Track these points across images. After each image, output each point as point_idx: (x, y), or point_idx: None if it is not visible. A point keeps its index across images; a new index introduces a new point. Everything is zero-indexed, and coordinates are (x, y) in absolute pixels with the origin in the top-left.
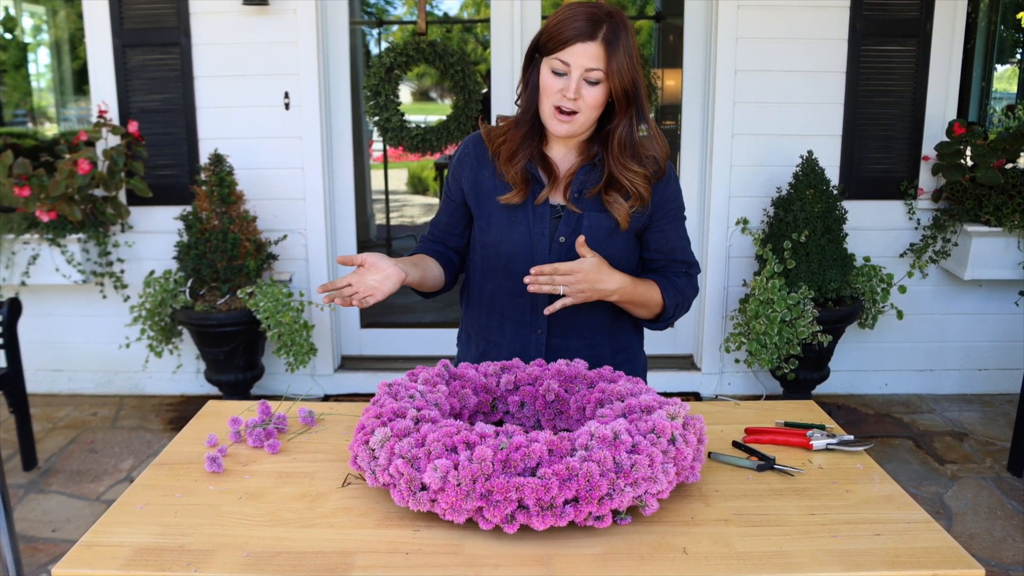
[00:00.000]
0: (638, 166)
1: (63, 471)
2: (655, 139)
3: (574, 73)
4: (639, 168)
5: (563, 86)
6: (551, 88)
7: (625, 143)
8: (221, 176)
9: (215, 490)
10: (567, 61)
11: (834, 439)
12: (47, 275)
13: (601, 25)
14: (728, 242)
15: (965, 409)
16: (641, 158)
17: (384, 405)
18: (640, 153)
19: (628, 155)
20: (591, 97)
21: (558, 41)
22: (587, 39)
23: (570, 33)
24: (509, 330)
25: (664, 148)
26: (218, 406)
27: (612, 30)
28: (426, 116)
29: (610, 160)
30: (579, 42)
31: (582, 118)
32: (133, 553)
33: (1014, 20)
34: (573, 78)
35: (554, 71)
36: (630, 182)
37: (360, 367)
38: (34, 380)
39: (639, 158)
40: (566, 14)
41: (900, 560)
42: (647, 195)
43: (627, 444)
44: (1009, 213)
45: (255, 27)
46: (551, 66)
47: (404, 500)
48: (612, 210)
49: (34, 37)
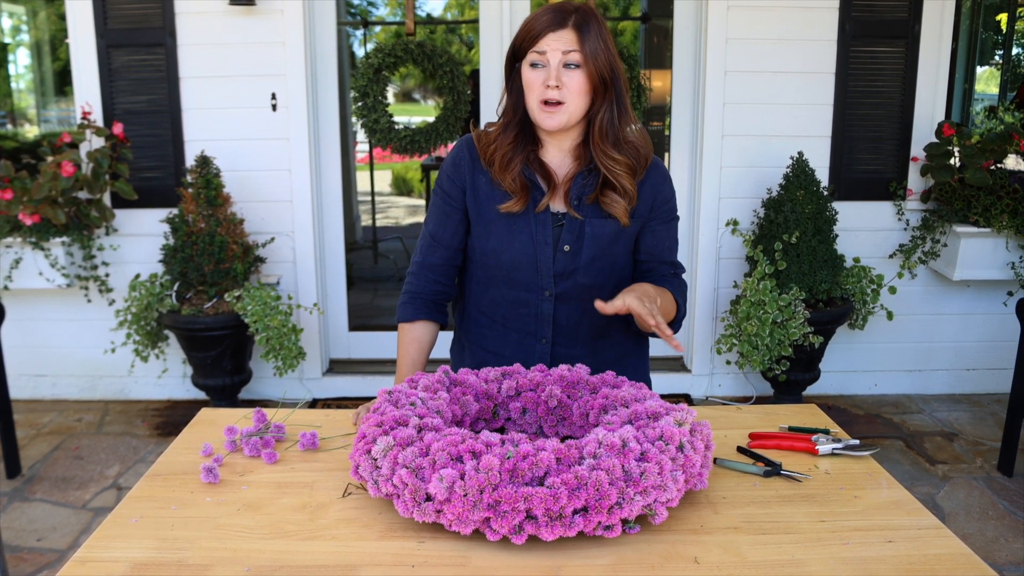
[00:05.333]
0: (618, 154)
1: (48, 478)
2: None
3: (552, 60)
4: (619, 156)
5: (544, 77)
6: (534, 83)
7: (606, 130)
8: (208, 178)
9: (212, 501)
10: (542, 50)
11: (839, 444)
12: (30, 279)
13: (569, 15)
14: (718, 243)
15: (954, 409)
16: (621, 146)
17: (385, 413)
18: (620, 141)
19: (609, 142)
20: (573, 83)
21: (530, 37)
22: (558, 27)
23: (541, 25)
24: (512, 340)
25: (647, 140)
26: (211, 414)
27: (582, 17)
28: (410, 117)
29: (593, 150)
30: (550, 32)
31: (569, 107)
32: (130, 568)
33: (994, 22)
34: (552, 65)
35: (533, 64)
36: (612, 173)
37: (348, 371)
38: (17, 386)
39: (619, 146)
40: (534, 13)
41: (914, 568)
42: (631, 188)
43: (636, 452)
44: (997, 214)
45: (241, 27)
46: (530, 60)
47: (408, 511)
48: (610, 209)
49: (13, 38)
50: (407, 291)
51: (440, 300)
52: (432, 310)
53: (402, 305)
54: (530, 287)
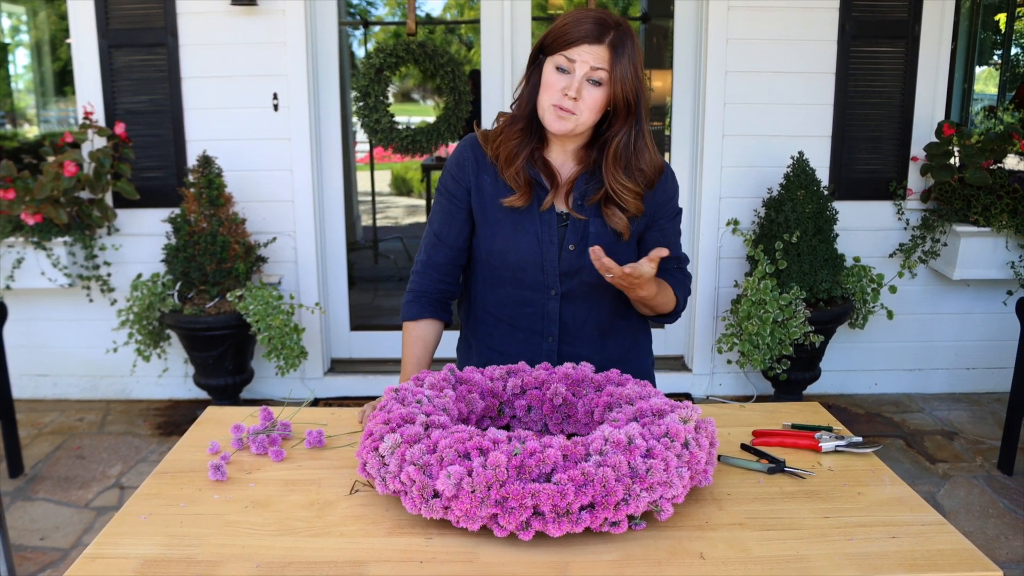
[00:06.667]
0: (628, 180)
1: (50, 478)
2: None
3: (578, 71)
4: (629, 183)
5: (566, 84)
6: (554, 85)
7: (620, 154)
8: (210, 178)
9: (220, 499)
10: (572, 58)
11: (842, 441)
12: (32, 279)
13: (609, 31)
14: (719, 243)
15: (954, 408)
16: (632, 172)
17: (392, 411)
18: (632, 167)
19: (621, 167)
20: (591, 99)
21: (564, 40)
22: (594, 41)
23: (578, 34)
24: (519, 339)
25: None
26: (217, 412)
27: (619, 37)
28: (409, 117)
29: (604, 169)
30: (586, 43)
31: (579, 119)
32: (140, 565)
33: (993, 23)
34: (576, 76)
35: (558, 67)
36: (618, 195)
37: (350, 370)
38: (19, 385)
39: (631, 172)
40: (575, 16)
41: (917, 563)
42: (635, 210)
43: (641, 448)
44: (997, 213)
45: (243, 27)
46: (556, 63)
47: (416, 508)
48: (611, 222)
49: (13, 38)
50: (412, 290)
51: (445, 299)
52: (437, 309)
53: (407, 304)
54: (536, 286)
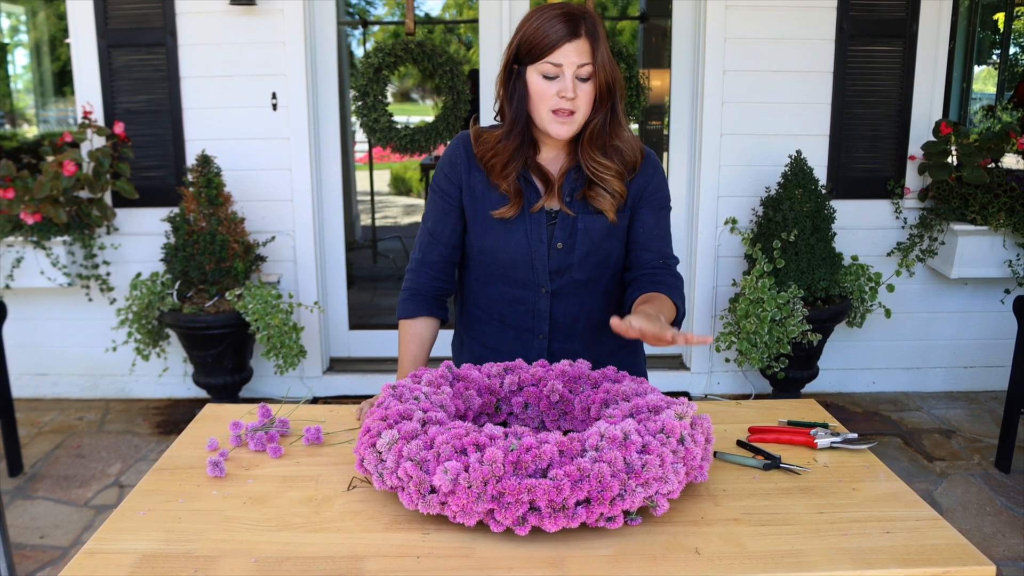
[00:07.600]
0: (605, 159)
1: (50, 476)
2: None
3: (567, 72)
4: (606, 161)
5: (559, 88)
6: (546, 93)
7: (596, 135)
8: (209, 177)
9: (218, 495)
10: (558, 62)
11: (838, 437)
12: (32, 278)
13: (580, 23)
14: (717, 242)
15: (952, 406)
16: (608, 151)
17: (389, 407)
18: (607, 146)
19: (597, 148)
20: (584, 95)
21: (544, 46)
22: (573, 37)
23: (555, 36)
24: (510, 336)
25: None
26: (216, 410)
27: (591, 24)
28: (408, 117)
29: (580, 153)
30: (566, 42)
31: (579, 116)
32: (138, 560)
33: (991, 22)
34: (567, 77)
35: (545, 75)
36: (598, 176)
37: (348, 369)
38: (18, 384)
39: (607, 151)
40: (542, 19)
41: (911, 558)
42: (620, 189)
43: (637, 444)
44: (995, 212)
45: (242, 27)
46: (541, 71)
47: (413, 503)
48: (597, 204)
49: (12, 38)
50: (407, 288)
51: (440, 296)
52: (433, 306)
53: (402, 302)
54: (526, 284)
